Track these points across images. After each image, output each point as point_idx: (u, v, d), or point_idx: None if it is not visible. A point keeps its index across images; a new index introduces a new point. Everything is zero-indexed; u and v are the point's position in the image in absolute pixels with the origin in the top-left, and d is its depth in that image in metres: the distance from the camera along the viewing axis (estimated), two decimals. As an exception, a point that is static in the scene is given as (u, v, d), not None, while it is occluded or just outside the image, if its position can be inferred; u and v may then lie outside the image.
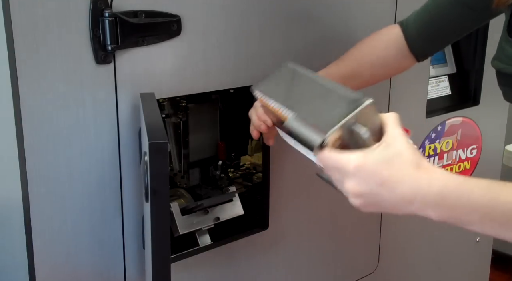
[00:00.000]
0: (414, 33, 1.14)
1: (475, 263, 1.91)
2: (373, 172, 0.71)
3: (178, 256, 1.13)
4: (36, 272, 0.94)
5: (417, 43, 1.15)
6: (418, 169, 0.70)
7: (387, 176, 0.71)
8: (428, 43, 1.15)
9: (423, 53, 1.17)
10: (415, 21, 1.15)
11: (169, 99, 1.25)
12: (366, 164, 0.71)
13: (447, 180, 0.70)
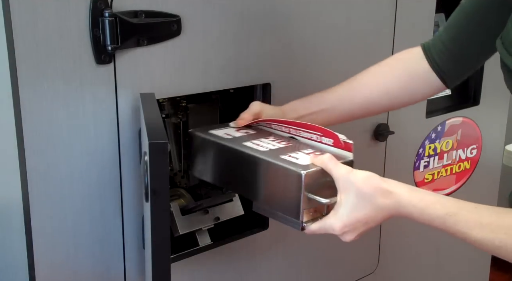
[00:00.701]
0: (440, 51, 1.05)
1: (475, 263, 1.91)
2: (355, 223, 0.86)
3: (178, 256, 1.13)
4: (36, 272, 0.94)
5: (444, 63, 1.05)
6: (385, 198, 0.84)
7: (365, 217, 0.86)
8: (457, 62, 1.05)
9: (452, 75, 1.06)
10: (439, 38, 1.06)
11: (169, 99, 1.25)
12: (345, 222, 0.86)
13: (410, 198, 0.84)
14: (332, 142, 0.94)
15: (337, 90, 1.11)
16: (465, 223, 0.78)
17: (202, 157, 1.03)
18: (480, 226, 0.77)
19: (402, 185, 0.85)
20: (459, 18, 1.03)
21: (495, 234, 0.76)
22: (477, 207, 0.80)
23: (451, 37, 1.04)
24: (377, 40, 1.39)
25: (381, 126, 1.44)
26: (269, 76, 1.18)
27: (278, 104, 1.17)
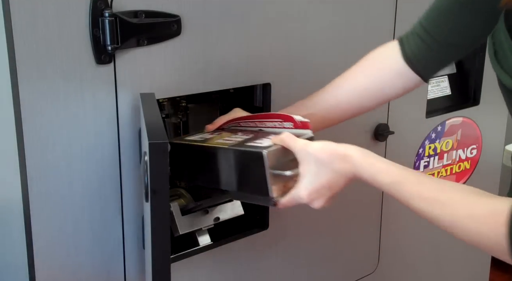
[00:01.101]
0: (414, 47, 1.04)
1: (475, 263, 1.91)
2: (319, 189, 0.91)
3: (178, 256, 1.13)
4: (36, 272, 0.94)
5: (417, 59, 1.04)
6: (342, 162, 0.89)
7: (328, 182, 0.91)
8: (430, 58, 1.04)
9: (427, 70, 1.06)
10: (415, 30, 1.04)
11: (169, 99, 1.25)
12: (310, 189, 0.91)
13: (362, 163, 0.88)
14: (292, 125, 1.01)
15: (317, 94, 1.12)
16: (407, 193, 0.84)
17: (178, 161, 1.07)
18: (419, 198, 0.83)
19: (357, 149, 0.90)
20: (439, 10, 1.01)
21: (432, 207, 0.82)
22: (420, 179, 0.84)
23: (428, 29, 1.01)
24: (377, 40, 1.38)
25: (381, 126, 1.44)
26: (269, 76, 1.18)
27: (278, 104, 1.17)
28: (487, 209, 0.78)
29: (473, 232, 0.78)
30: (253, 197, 0.99)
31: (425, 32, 1.02)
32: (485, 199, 0.79)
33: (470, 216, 0.78)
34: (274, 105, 1.18)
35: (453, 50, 1.03)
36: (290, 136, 0.95)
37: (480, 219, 0.78)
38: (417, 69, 1.04)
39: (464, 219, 0.79)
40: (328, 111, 1.11)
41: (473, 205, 0.79)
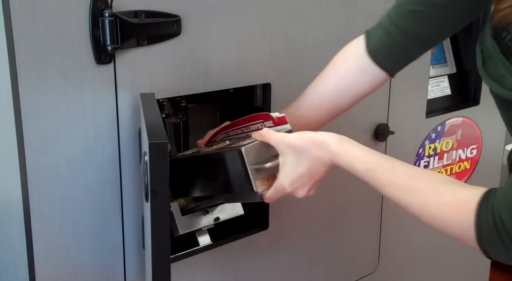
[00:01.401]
0: (377, 41, 1.01)
1: (475, 263, 1.91)
2: (300, 178, 0.93)
3: (178, 256, 1.13)
4: (36, 272, 0.94)
5: (381, 53, 1.01)
6: (319, 149, 0.90)
7: (308, 171, 0.92)
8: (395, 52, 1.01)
9: (392, 65, 1.03)
10: (379, 26, 1.02)
11: (169, 99, 1.25)
12: (291, 178, 0.93)
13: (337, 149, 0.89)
14: (272, 123, 1.02)
15: (301, 97, 1.11)
16: (381, 180, 0.85)
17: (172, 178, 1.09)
18: (391, 185, 0.84)
19: (334, 136, 0.91)
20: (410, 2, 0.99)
21: (403, 194, 0.83)
22: (393, 167, 0.85)
23: (396, 22, 0.99)
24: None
25: (381, 126, 1.44)
26: (269, 76, 1.18)
27: (278, 104, 1.17)
28: (456, 197, 0.79)
29: (441, 219, 0.80)
30: (240, 195, 1.00)
31: (393, 25, 0.99)
32: (455, 187, 0.80)
33: (439, 204, 0.80)
34: (274, 105, 1.18)
35: (421, 44, 1.01)
36: (267, 131, 0.97)
37: (449, 207, 0.79)
38: (381, 63, 1.02)
39: (434, 207, 0.80)
40: (313, 112, 1.09)
41: (442, 193, 0.80)
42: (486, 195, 0.76)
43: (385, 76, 1.03)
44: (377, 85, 1.05)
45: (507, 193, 0.74)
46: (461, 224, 0.77)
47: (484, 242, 0.76)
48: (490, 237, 0.75)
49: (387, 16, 1.01)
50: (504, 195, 0.74)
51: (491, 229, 0.74)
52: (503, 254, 0.76)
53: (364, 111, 1.41)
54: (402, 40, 0.99)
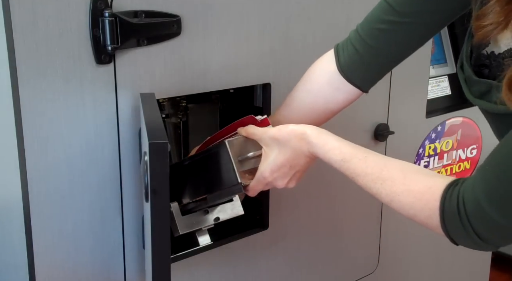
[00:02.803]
0: (347, 58, 1.01)
1: (475, 263, 1.91)
2: (280, 168, 0.95)
3: (178, 256, 1.13)
4: (36, 272, 0.94)
5: (351, 70, 1.01)
6: (300, 140, 0.93)
7: (288, 161, 0.95)
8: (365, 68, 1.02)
9: (363, 81, 1.03)
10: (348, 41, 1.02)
11: (169, 99, 1.25)
12: (271, 168, 0.95)
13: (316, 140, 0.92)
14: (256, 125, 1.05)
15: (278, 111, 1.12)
16: (354, 170, 0.88)
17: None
18: (364, 175, 0.87)
19: (313, 128, 0.94)
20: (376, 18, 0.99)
21: (374, 183, 0.86)
22: (367, 157, 0.88)
23: (364, 38, 0.99)
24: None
25: (381, 126, 1.44)
26: (269, 76, 1.18)
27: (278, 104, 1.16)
28: (424, 185, 0.81)
29: (409, 206, 0.82)
30: (226, 189, 1.02)
31: (361, 42, 1.00)
32: (425, 176, 0.82)
33: (407, 191, 0.82)
34: (274, 105, 1.18)
35: (390, 60, 1.02)
36: (252, 126, 1.01)
37: (416, 194, 0.81)
38: (353, 81, 1.02)
39: (402, 194, 0.82)
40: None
41: (411, 181, 0.82)
42: (453, 183, 0.78)
43: (358, 92, 1.04)
44: (352, 100, 1.07)
45: (475, 180, 0.75)
46: (427, 211, 0.79)
47: (447, 227, 0.78)
48: (452, 222, 0.77)
49: (356, 32, 1.01)
50: (472, 183, 0.75)
51: (454, 214, 0.76)
52: (466, 239, 0.78)
53: (364, 111, 1.41)
54: (372, 57, 1.00)
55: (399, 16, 0.95)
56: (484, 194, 0.73)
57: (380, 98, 1.44)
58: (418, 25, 0.95)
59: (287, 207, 1.29)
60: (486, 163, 0.75)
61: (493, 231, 0.75)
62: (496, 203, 0.72)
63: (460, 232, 0.78)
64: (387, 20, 0.96)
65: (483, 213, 0.73)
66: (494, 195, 0.72)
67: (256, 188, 0.99)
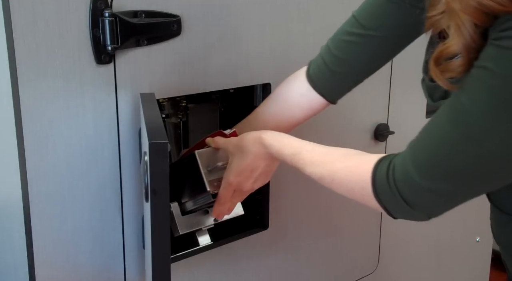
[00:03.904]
0: (317, 70, 1.06)
1: (475, 263, 1.91)
2: (243, 171, 1.01)
3: (178, 256, 1.13)
4: (36, 272, 0.94)
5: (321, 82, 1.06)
6: (257, 144, 0.98)
7: (249, 165, 1.00)
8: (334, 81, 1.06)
9: (332, 94, 1.07)
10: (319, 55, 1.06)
11: (169, 99, 1.25)
12: (234, 172, 1.01)
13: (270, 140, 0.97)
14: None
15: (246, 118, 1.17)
16: (303, 161, 0.92)
17: None
18: (310, 164, 0.91)
19: (269, 131, 0.99)
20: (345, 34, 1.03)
21: (318, 168, 0.90)
22: (314, 148, 0.93)
23: (334, 52, 1.03)
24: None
25: (381, 126, 1.44)
26: (269, 76, 1.18)
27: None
28: (359, 160, 0.86)
29: (346, 181, 0.86)
30: (197, 198, 1.08)
31: (330, 54, 1.04)
32: (363, 155, 0.87)
33: (344, 168, 0.87)
34: (274, 105, 1.18)
35: (358, 73, 1.05)
36: (218, 137, 1.07)
37: (352, 169, 0.86)
38: (318, 88, 1.06)
39: (340, 171, 0.87)
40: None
41: (348, 159, 0.88)
42: (387, 156, 0.82)
43: (323, 101, 1.07)
44: (317, 109, 1.10)
45: (405, 151, 0.79)
46: (360, 183, 0.83)
47: (379, 196, 0.81)
48: (383, 190, 0.80)
49: (326, 45, 1.05)
50: (402, 153, 0.79)
51: (384, 181, 0.80)
52: (396, 207, 0.81)
53: (364, 111, 1.41)
54: (338, 68, 1.04)
55: (363, 29, 0.99)
56: (411, 161, 0.77)
57: (380, 98, 1.44)
58: (382, 38, 0.99)
59: (287, 207, 1.29)
60: (417, 136, 0.79)
61: (417, 195, 0.77)
62: (419, 167, 0.76)
63: (390, 198, 0.80)
64: (352, 33, 1.01)
65: (407, 177, 0.77)
66: (418, 159, 0.76)
67: (223, 194, 1.03)
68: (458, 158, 0.73)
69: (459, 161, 0.73)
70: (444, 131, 0.73)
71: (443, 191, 0.76)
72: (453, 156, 0.73)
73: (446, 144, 0.73)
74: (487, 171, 0.73)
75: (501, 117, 0.68)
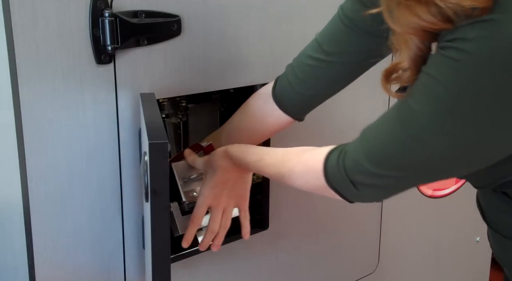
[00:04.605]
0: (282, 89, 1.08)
1: (475, 263, 1.91)
2: (216, 185, 1.05)
3: (178, 256, 1.13)
4: (36, 272, 0.94)
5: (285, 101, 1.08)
6: (224, 158, 1.03)
7: (220, 179, 1.05)
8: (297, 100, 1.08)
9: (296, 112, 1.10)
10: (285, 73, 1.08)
11: (169, 99, 1.25)
12: (208, 186, 1.06)
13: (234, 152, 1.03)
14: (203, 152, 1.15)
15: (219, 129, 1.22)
16: (265, 165, 0.98)
17: None
18: (272, 165, 0.97)
19: (235, 145, 1.05)
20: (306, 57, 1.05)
21: (277, 167, 0.96)
22: (274, 151, 1.00)
23: (296, 73, 1.06)
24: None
25: (381, 126, 1.44)
26: (269, 76, 1.18)
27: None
28: (313, 153, 0.91)
29: (301, 174, 0.92)
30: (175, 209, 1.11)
31: (294, 74, 1.06)
32: (316, 149, 0.91)
33: (299, 163, 0.92)
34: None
35: (320, 94, 1.08)
36: (191, 156, 1.11)
37: (306, 161, 0.91)
38: (282, 106, 1.09)
39: (295, 166, 0.93)
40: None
41: (303, 154, 0.93)
42: (338, 146, 0.87)
43: (288, 118, 1.10)
44: (282, 125, 1.13)
45: (356, 143, 0.84)
46: (314, 173, 0.88)
47: (330, 181, 0.86)
48: (333, 174, 0.85)
49: (291, 66, 1.08)
50: (355, 143, 0.85)
51: (334, 166, 0.85)
52: (347, 190, 0.85)
53: (364, 111, 1.41)
54: (301, 89, 1.06)
55: (325, 55, 1.02)
56: (362, 149, 0.82)
57: (380, 98, 1.44)
58: (345, 64, 1.02)
59: (287, 207, 1.30)
60: (370, 125, 0.84)
61: (366, 179, 0.81)
62: (369, 156, 0.81)
63: (340, 183, 0.85)
64: (315, 58, 1.03)
65: (357, 163, 0.82)
66: (369, 150, 0.81)
67: (200, 212, 1.07)
68: (405, 154, 0.77)
69: (405, 157, 0.78)
70: (394, 128, 0.78)
71: (392, 177, 0.80)
72: (400, 153, 0.78)
73: (394, 140, 0.78)
74: (432, 168, 0.78)
75: (443, 122, 0.72)
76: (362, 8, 0.93)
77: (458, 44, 0.68)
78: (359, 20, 0.96)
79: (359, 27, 0.97)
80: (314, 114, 1.13)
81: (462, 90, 0.70)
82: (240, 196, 1.10)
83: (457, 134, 0.72)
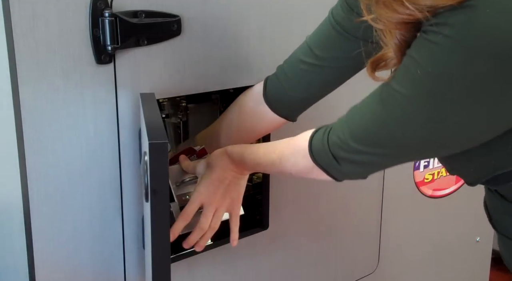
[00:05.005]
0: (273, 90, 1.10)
1: (475, 263, 1.91)
2: (212, 183, 1.05)
3: (178, 256, 1.13)
4: (36, 272, 0.94)
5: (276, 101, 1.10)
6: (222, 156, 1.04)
7: (216, 177, 1.05)
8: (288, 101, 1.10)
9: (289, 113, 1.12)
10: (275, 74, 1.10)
11: (169, 99, 1.25)
12: (203, 185, 1.05)
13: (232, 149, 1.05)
14: (196, 155, 1.17)
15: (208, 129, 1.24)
16: (258, 156, 1.01)
17: None
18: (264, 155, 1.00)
19: (233, 145, 1.06)
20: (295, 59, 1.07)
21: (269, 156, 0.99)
22: (268, 144, 1.05)
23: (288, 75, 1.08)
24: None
25: (381, 126, 1.44)
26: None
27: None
28: (301, 135, 0.94)
29: (290, 156, 0.95)
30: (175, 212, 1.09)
31: (285, 77, 1.08)
32: (305, 132, 0.94)
33: (287, 146, 0.96)
34: (274, 105, 1.18)
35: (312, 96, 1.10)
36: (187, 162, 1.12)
37: (294, 144, 0.95)
38: (274, 107, 1.11)
39: (284, 150, 0.96)
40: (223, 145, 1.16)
41: (292, 139, 0.96)
42: (325, 125, 0.90)
43: (280, 119, 1.12)
44: (280, 125, 1.14)
45: (342, 119, 0.87)
46: (301, 153, 0.91)
47: (316, 158, 0.89)
48: (317, 151, 0.88)
49: (282, 68, 1.10)
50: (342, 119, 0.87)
51: (319, 143, 0.88)
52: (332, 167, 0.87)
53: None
54: (295, 93, 1.08)
55: (317, 59, 1.03)
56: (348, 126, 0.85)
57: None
58: (335, 69, 1.04)
59: (287, 207, 1.29)
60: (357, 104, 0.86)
61: (347, 154, 0.85)
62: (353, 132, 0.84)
63: (324, 158, 0.88)
64: (306, 62, 1.05)
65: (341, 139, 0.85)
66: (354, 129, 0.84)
67: (191, 209, 1.05)
68: (385, 133, 0.81)
69: (386, 135, 0.81)
70: (376, 108, 0.81)
71: (373, 154, 0.83)
72: (381, 131, 0.81)
73: (376, 119, 0.81)
74: (411, 146, 0.81)
75: (422, 104, 0.75)
76: (353, 14, 0.95)
77: (438, 28, 0.70)
78: (350, 27, 0.98)
79: (350, 34, 0.99)
80: (313, 112, 1.13)
81: (441, 73, 0.72)
82: (233, 199, 1.09)
83: (435, 116, 0.75)
